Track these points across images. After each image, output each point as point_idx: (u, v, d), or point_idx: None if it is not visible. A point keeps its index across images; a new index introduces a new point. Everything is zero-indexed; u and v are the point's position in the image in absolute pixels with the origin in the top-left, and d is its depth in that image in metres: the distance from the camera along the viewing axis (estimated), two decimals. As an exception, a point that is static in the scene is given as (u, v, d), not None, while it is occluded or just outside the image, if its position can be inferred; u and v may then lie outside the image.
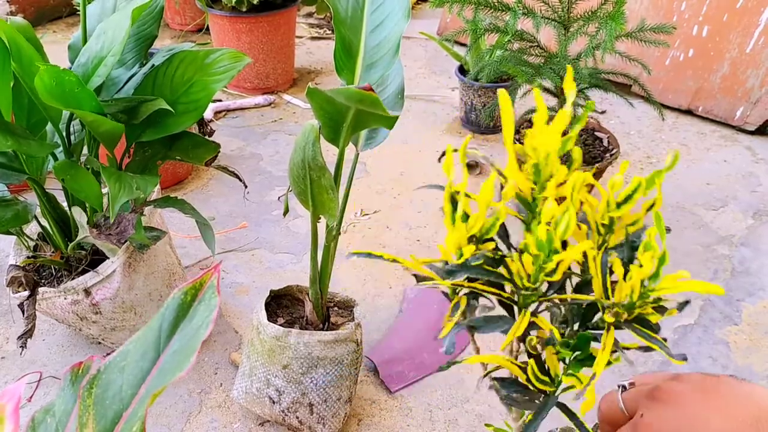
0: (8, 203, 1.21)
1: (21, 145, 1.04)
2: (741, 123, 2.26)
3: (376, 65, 1.03)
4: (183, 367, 0.48)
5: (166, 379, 0.48)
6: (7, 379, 1.40)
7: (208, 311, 0.52)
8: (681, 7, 2.37)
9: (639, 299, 0.51)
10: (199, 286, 0.54)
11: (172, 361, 0.50)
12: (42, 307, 1.29)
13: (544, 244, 0.50)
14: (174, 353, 0.51)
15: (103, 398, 0.51)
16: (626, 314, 0.52)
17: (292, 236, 1.82)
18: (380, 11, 1.05)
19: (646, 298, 0.51)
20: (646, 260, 0.50)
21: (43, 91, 0.93)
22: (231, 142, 2.28)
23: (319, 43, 3.10)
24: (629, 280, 0.51)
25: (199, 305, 0.53)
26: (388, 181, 2.06)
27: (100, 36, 1.10)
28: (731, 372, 1.41)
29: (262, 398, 1.21)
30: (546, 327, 0.55)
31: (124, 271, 1.27)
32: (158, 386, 0.48)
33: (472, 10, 1.60)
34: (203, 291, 0.54)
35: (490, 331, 0.56)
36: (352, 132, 0.97)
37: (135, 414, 0.49)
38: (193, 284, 0.54)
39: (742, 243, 1.77)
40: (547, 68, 1.61)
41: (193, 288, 0.54)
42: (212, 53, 1.15)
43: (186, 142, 1.26)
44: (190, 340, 0.51)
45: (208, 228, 1.30)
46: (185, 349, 0.50)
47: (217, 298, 0.53)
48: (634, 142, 2.24)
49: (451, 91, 2.59)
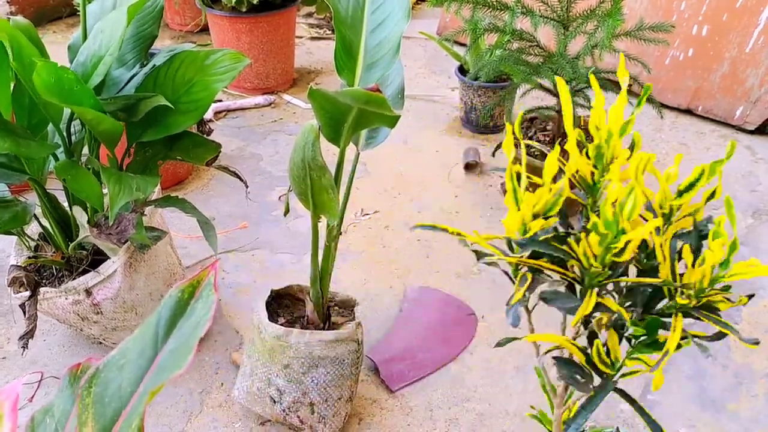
0: (7, 204, 1.21)
1: (20, 147, 1.04)
2: (741, 122, 2.26)
3: (377, 65, 1.03)
4: (181, 365, 0.48)
5: (165, 376, 0.49)
6: (9, 380, 1.40)
7: (206, 308, 0.52)
8: (680, 6, 2.37)
9: (709, 285, 0.52)
10: (197, 284, 0.54)
11: (170, 358, 0.50)
12: (43, 308, 1.29)
13: (612, 224, 0.50)
14: (172, 351, 0.51)
15: (102, 397, 0.51)
16: (695, 300, 0.53)
17: (292, 236, 1.82)
18: (381, 11, 1.05)
19: (716, 284, 0.52)
20: (717, 247, 0.50)
21: (41, 87, 0.93)
22: (231, 142, 2.28)
23: (319, 43, 3.10)
24: (699, 267, 0.51)
25: (197, 303, 0.53)
26: (388, 180, 2.06)
27: (98, 35, 1.10)
28: (731, 371, 1.41)
29: (263, 398, 1.21)
30: (614, 308, 0.55)
31: (125, 271, 1.28)
32: (157, 383, 0.48)
33: (470, 9, 1.60)
34: (200, 288, 0.54)
35: (560, 305, 0.56)
36: (353, 132, 0.97)
37: (134, 411, 0.49)
38: (190, 282, 0.54)
39: (741, 242, 1.77)
40: (546, 67, 1.61)
41: (190, 285, 0.54)
42: (213, 54, 1.15)
43: (187, 142, 1.26)
44: (188, 337, 0.51)
45: (210, 227, 1.30)
46: (183, 346, 0.50)
47: (214, 295, 0.53)
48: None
49: (451, 91, 2.59)
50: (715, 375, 1.40)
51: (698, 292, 0.52)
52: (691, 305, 0.53)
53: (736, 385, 1.38)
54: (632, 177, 0.52)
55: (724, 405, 1.34)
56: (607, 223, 0.50)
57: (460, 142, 2.27)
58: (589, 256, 0.53)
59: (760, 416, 1.32)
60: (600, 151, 0.54)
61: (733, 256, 0.51)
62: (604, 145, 0.54)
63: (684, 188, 0.55)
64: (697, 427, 1.30)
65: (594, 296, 0.54)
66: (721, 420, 1.31)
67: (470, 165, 2.09)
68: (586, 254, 0.53)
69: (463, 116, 2.35)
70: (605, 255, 0.52)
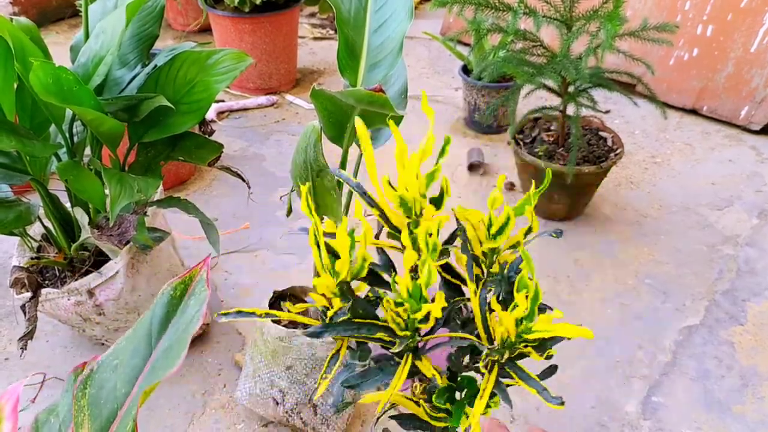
0: (11, 204, 1.21)
1: (25, 146, 1.04)
2: (746, 122, 2.25)
3: (380, 65, 1.03)
4: (174, 363, 0.47)
5: (159, 375, 0.48)
6: (11, 381, 1.40)
7: (198, 305, 0.51)
8: (685, 6, 2.36)
9: (517, 339, 0.48)
10: (189, 281, 0.53)
11: (164, 357, 0.50)
12: (46, 308, 1.29)
13: (410, 299, 0.47)
14: (165, 349, 0.50)
15: (97, 398, 0.50)
16: (507, 353, 0.49)
17: (294, 238, 1.82)
18: (383, 11, 1.05)
19: (522, 339, 0.48)
20: (520, 299, 0.47)
21: (39, 87, 0.92)
22: (234, 143, 2.27)
23: (321, 44, 3.09)
24: (503, 321, 0.48)
25: (190, 299, 0.52)
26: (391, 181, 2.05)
27: (99, 35, 1.10)
28: (736, 373, 1.40)
29: (266, 399, 1.21)
30: (428, 373, 0.52)
31: (127, 272, 1.27)
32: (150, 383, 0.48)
33: (473, 10, 1.59)
34: (193, 285, 0.53)
35: (370, 387, 0.52)
36: (355, 132, 0.96)
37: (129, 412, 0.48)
38: (182, 279, 0.53)
39: (747, 243, 1.76)
40: (549, 68, 1.60)
41: (182, 283, 0.53)
42: (215, 54, 1.14)
43: (189, 143, 1.25)
44: (181, 334, 0.50)
45: (212, 228, 1.30)
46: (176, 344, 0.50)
47: (206, 291, 0.52)
48: (638, 142, 2.23)
49: (454, 91, 2.58)
50: (720, 377, 1.39)
51: (509, 346, 0.49)
52: (503, 360, 0.49)
53: (742, 387, 1.37)
54: (423, 247, 0.48)
55: (729, 407, 1.33)
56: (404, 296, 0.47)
57: (463, 143, 2.26)
58: (400, 323, 0.50)
59: (766, 418, 1.30)
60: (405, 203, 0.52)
61: (536, 307, 0.47)
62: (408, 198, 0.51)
63: (495, 232, 0.52)
64: (702, 429, 1.29)
65: (408, 364, 0.51)
66: (727, 422, 1.30)
67: (474, 165, 2.09)
68: (395, 321, 0.50)
69: (467, 116, 2.34)
70: (411, 322, 0.49)
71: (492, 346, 0.50)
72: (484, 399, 0.48)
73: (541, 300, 0.47)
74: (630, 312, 1.56)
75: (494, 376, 0.49)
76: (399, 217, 0.52)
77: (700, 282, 1.64)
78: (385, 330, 0.51)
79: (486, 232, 0.53)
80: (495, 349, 0.49)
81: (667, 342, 1.48)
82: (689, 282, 1.64)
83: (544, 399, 0.47)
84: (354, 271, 0.52)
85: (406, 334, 0.50)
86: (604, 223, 1.86)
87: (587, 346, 1.47)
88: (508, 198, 1.97)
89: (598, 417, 1.32)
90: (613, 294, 1.62)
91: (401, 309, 0.48)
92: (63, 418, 0.55)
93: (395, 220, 0.52)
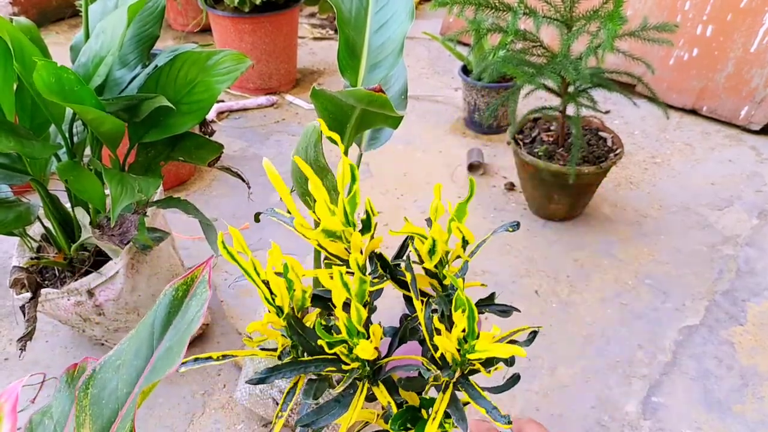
0: (11, 204, 1.21)
1: (24, 146, 1.04)
2: (746, 122, 2.25)
3: (380, 65, 1.03)
4: (173, 363, 0.47)
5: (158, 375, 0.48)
6: (11, 381, 1.40)
7: (199, 306, 0.51)
8: (685, 6, 2.36)
9: (462, 357, 0.47)
10: (191, 282, 0.54)
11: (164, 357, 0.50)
12: (45, 309, 1.29)
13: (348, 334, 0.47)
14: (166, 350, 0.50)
15: (99, 398, 0.50)
16: (459, 370, 0.48)
17: (295, 237, 1.82)
18: (384, 11, 1.05)
19: (465, 359, 0.47)
20: (458, 317, 0.46)
21: (42, 86, 0.92)
22: (234, 143, 2.27)
23: (321, 44, 3.09)
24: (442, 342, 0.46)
25: (191, 300, 0.53)
26: (391, 181, 2.06)
27: (99, 35, 1.10)
28: (736, 372, 1.40)
29: (266, 399, 1.21)
30: (383, 401, 0.51)
31: (127, 272, 1.27)
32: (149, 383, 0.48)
33: (473, 10, 1.59)
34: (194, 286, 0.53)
35: (327, 422, 0.50)
36: (356, 132, 0.96)
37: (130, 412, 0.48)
38: (185, 280, 0.53)
39: (747, 243, 1.77)
40: (549, 68, 1.60)
41: (184, 284, 0.53)
42: (215, 54, 1.14)
43: (189, 143, 1.25)
44: (182, 334, 0.50)
45: (212, 228, 1.30)
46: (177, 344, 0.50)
47: (208, 292, 0.52)
48: (638, 142, 2.23)
49: (454, 92, 2.58)
50: (720, 376, 1.39)
51: (459, 364, 0.47)
52: (453, 380, 0.48)
53: (742, 387, 1.37)
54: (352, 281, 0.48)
55: (729, 407, 1.33)
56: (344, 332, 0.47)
57: (463, 143, 2.26)
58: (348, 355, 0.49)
59: (766, 418, 1.31)
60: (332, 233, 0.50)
61: (475, 325, 0.46)
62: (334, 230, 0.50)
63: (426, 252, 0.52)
64: (702, 429, 1.29)
65: (364, 395, 0.50)
66: (727, 422, 1.30)
67: (474, 165, 2.09)
68: (342, 352, 0.49)
69: (467, 117, 2.34)
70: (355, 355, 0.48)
71: (441, 366, 0.48)
72: (437, 421, 0.47)
73: (477, 319, 0.46)
74: (630, 312, 1.56)
75: (448, 396, 0.48)
76: (336, 245, 0.51)
77: (700, 282, 1.64)
78: (335, 363, 0.49)
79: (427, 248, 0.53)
80: (444, 370, 0.48)
81: (667, 342, 1.48)
82: (689, 282, 1.65)
83: (492, 418, 0.46)
84: (298, 305, 0.51)
85: (354, 366, 0.49)
86: (603, 224, 1.86)
87: (587, 346, 1.47)
88: (508, 198, 1.97)
89: (598, 417, 1.32)
90: (613, 294, 1.62)
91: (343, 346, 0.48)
92: (57, 419, 0.55)
93: (333, 249, 0.52)
